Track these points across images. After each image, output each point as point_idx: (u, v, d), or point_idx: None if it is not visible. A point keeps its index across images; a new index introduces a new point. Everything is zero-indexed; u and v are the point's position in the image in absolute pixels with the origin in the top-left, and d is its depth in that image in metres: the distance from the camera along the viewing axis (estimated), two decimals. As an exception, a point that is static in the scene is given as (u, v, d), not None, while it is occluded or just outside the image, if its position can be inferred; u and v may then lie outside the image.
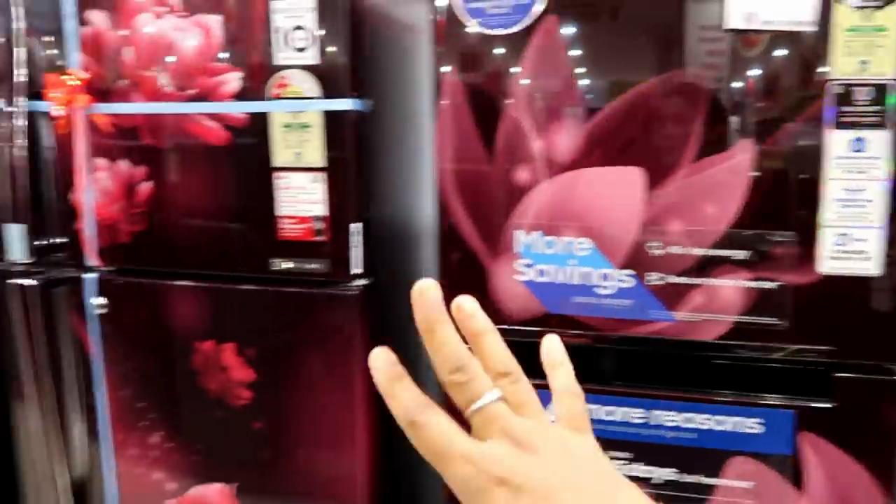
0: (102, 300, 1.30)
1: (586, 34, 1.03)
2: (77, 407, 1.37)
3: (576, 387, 0.44)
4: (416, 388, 0.39)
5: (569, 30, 1.03)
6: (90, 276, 1.30)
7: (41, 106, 1.28)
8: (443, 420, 0.38)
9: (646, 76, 1.00)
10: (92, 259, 1.30)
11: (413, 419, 0.38)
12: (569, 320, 1.09)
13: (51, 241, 1.33)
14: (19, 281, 1.29)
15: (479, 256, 1.11)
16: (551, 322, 1.09)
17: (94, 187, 1.26)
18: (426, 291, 0.38)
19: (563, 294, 1.08)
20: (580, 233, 1.06)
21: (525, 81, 1.05)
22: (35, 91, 1.28)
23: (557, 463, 0.37)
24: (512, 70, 1.05)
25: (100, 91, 1.23)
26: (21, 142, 1.26)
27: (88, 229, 1.28)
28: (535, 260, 1.09)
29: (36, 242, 1.32)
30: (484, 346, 0.41)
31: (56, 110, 1.23)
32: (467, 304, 0.41)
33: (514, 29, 1.04)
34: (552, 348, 0.46)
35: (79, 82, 1.22)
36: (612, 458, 1.11)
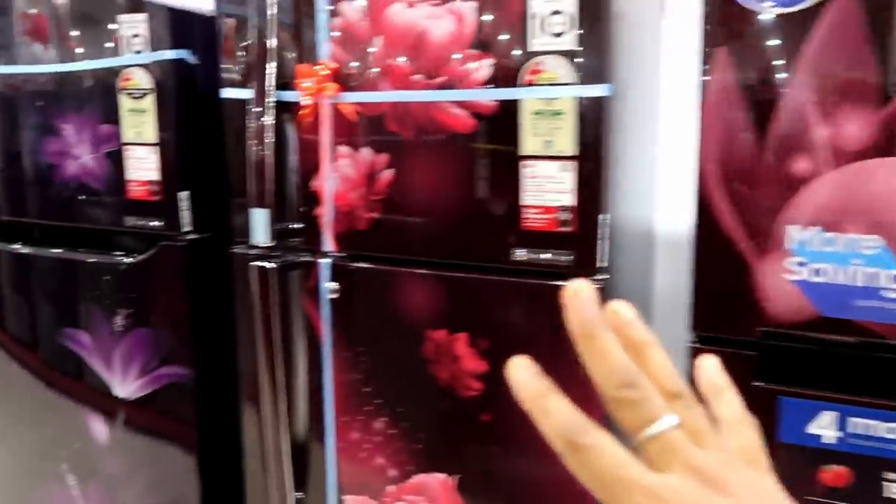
0: (335, 285, 1.33)
1: (888, 11, 0.94)
2: (304, 387, 1.42)
3: (748, 415, 0.38)
4: (571, 404, 0.35)
5: (867, 6, 0.94)
6: (325, 261, 1.34)
7: (287, 96, 1.33)
8: (611, 443, 0.34)
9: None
10: (328, 244, 1.34)
11: (576, 441, 0.33)
12: (847, 325, 0.99)
13: (289, 226, 1.37)
14: (260, 263, 1.35)
15: (742, 253, 1.03)
16: (824, 326, 1.00)
17: (336, 175, 1.30)
18: (581, 292, 0.34)
19: (842, 296, 0.99)
20: (868, 229, 0.96)
21: (810, 64, 0.97)
22: (280, 82, 1.33)
23: None
24: (795, 52, 0.97)
25: (348, 80, 1.26)
26: (270, 135, 1.31)
27: (327, 215, 1.32)
28: (809, 258, 1.00)
29: (276, 227, 1.37)
30: (650, 361, 0.36)
31: (305, 100, 1.28)
32: (625, 309, 0.37)
33: (800, 7, 0.96)
34: (713, 369, 0.40)
35: (328, 72, 1.25)
36: (891, 482, 1.00)
